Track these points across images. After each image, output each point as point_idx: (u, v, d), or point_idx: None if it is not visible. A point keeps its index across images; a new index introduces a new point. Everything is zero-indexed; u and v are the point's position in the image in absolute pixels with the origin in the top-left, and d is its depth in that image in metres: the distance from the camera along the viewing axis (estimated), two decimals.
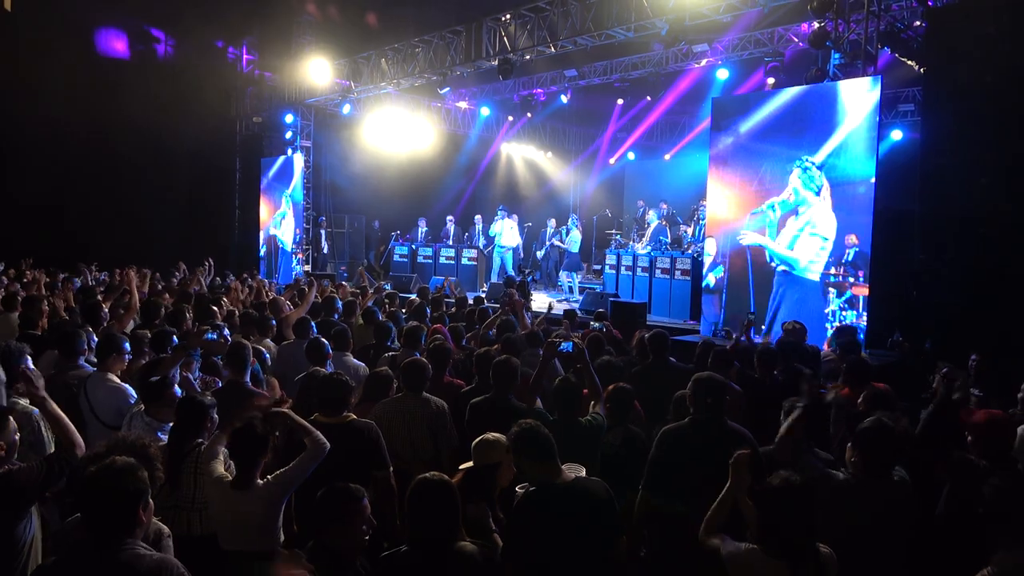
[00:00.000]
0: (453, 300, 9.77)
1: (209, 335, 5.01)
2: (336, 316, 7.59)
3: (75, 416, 3.86)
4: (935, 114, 8.61)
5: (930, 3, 9.79)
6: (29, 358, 4.18)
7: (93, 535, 2.35)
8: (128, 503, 2.35)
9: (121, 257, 12.94)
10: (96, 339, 5.19)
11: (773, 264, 9.26)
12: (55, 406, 3.26)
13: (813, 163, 8.73)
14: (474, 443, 3.47)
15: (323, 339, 5.54)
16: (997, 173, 7.55)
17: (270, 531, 3.30)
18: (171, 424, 3.83)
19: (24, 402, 3.91)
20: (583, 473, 3.33)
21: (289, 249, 17.23)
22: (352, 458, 3.69)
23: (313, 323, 6.48)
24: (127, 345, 4.85)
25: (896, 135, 14.02)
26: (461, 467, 3.47)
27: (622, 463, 4.13)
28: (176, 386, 4.16)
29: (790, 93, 9.22)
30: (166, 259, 13.41)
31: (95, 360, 4.85)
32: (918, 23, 10.21)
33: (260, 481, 3.29)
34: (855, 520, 3.17)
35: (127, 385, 4.55)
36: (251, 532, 3.25)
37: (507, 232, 15.53)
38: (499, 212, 15.85)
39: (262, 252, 17.98)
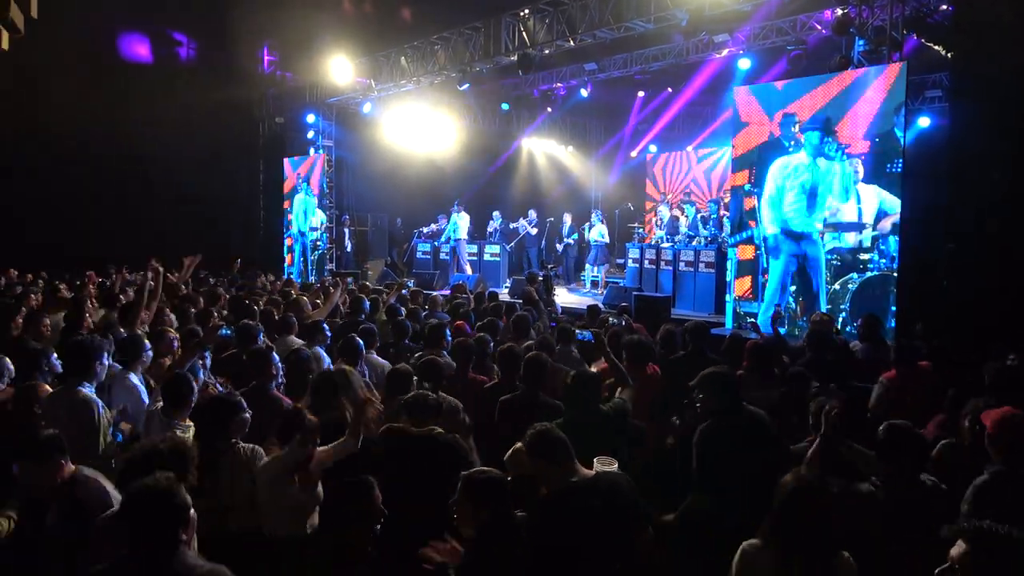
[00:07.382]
0: (471, 297, 9.71)
1: (223, 331, 5.06)
2: (362, 316, 7.60)
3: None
4: (963, 100, 8.45)
5: None
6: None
7: (141, 549, 2.40)
8: (172, 522, 2.41)
9: (145, 259, 13.09)
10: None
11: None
12: None
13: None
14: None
15: (357, 337, 5.49)
16: None
17: (312, 513, 3.42)
18: (184, 422, 3.85)
19: (87, 391, 4.00)
20: (615, 467, 3.31)
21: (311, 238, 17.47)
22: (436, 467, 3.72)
23: (326, 325, 6.32)
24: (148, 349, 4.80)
25: (924, 122, 13.78)
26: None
27: None
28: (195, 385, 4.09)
29: None
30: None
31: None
32: (944, 7, 10.02)
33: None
34: (884, 529, 3.09)
35: (142, 386, 4.55)
36: (298, 517, 3.37)
37: (463, 225, 16.03)
38: (455, 207, 16.25)
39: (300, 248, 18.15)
